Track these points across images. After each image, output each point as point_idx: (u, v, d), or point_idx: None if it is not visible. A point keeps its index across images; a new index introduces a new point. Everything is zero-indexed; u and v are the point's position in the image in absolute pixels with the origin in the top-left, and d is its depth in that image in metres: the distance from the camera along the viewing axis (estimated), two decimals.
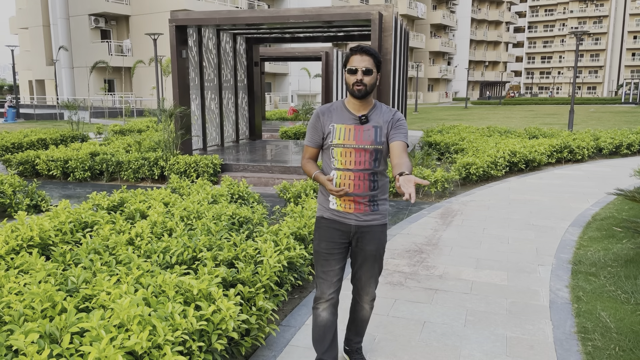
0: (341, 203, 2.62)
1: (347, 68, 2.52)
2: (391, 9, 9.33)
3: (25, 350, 2.12)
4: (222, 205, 5.05)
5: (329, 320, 2.72)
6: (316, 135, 2.65)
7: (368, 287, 2.77)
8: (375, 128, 2.57)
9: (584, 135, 12.77)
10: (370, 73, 2.51)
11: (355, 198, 2.59)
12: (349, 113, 2.60)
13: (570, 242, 5.47)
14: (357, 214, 2.62)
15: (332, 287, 2.68)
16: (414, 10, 56.25)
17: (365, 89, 2.52)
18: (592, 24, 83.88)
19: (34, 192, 6.92)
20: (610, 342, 3.26)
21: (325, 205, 2.69)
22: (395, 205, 7.25)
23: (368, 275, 2.74)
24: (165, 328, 2.39)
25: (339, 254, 2.67)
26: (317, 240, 2.71)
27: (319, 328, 2.73)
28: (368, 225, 2.64)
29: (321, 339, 2.73)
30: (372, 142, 2.55)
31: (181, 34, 10.04)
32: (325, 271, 2.68)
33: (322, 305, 2.71)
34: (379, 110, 2.62)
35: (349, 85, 2.54)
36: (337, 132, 2.58)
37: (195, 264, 3.63)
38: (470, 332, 3.41)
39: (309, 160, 2.69)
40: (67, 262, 3.50)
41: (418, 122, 26.16)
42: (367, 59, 2.50)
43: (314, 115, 2.66)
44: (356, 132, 2.56)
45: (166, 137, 9.58)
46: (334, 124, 2.60)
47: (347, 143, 2.56)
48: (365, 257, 2.69)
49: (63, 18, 36.22)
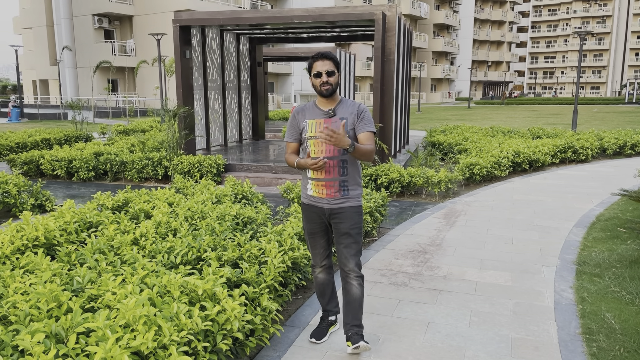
0: (315, 189, 3.05)
1: (313, 73, 2.95)
2: (395, 9, 9.33)
3: (32, 351, 2.12)
4: (226, 206, 5.05)
5: (326, 279, 3.28)
6: (294, 131, 3.09)
7: (346, 260, 3.08)
8: (342, 120, 2.97)
9: (587, 136, 12.73)
10: (333, 74, 2.96)
11: (327, 183, 3.01)
12: (319, 109, 3.04)
13: (574, 242, 5.46)
14: (329, 198, 3.04)
15: (321, 256, 3.24)
16: (416, 10, 56.19)
17: (331, 88, 2.96)
18: (595, 24, 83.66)
19: (38, 191, 6.94)
20: (615, 343, 3.25)
21: (305, 192, 3.15)
22: (399, 206, 7.25)
23: (344, 250, 3.08)
24: (171, 328, 2.39)
25: (320, 231, 3.17)
26: (303, 222, 3.22)
27: (319, 285, 3.30)
28: (340, 207, 3.04)
29: (322, 293, 3.31)
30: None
31: (185, 34, 10.06)
32: (313, 245, 3.22)
33: (318, 269, 3.27)
34: (345, 104, 3.04)
35: (317, 87, 2.97)
36: (310, 126, 3.01)
37: (200, 264, 3.63)
38: (474, 333, 3.41)
39: (290, 154, 3.11)
40: (72, 262, 3.51)
41: (421, 122, 26.13)
42: (328, 62, 2.95)
43: (291, 115, 3.09)
44: (325, 125, 2.85)
45: (170, 137, 9.60)
46: (306, 120, 3.04)
47: (319, 135, 2.83)
48: (340, 234, 3.07)
49: (67, 18, 36.30)
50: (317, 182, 3.03)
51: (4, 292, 2.86)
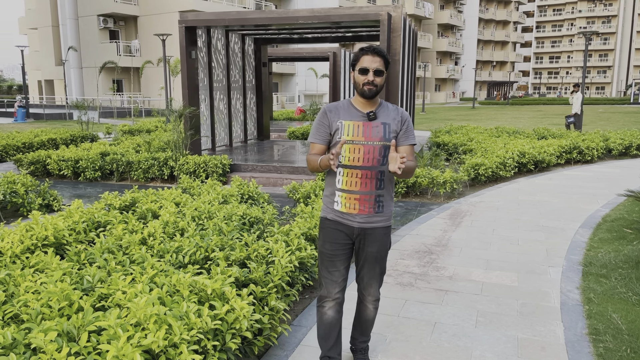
0: (346, 203, 2.62)
1: (359, 68, 2.53)
2: (400, 10, 9.34)
3: (45, 349, 2.15)
4: (233, 206, 5.08)
5: (335, 319, 2.75)
6: (324, 131, 2.63)
7: (370, 287, 2.79)
8: (384, 125, 2.59)
9: (593, 136, 12.70)
10: (382, 74, 2.54)
11: (362, 196, 2.60)
12: (357, 110, 2.62)
13: (580, 243, 5.46)
14: (361, 215, 2.62)
15: (337, 286, 2.71)
16: (421, 10, 56.14)
17: (375, 89, 2.55)
18: (600, 24, 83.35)
19: (45, 191, 6.98)
20: (621, 343, 3.26)
21: (330, 205, 2.69)
22: (404, 206, 7.26)
23: (369, 276, 2.76)
24: (181, 327, 2.42)
25: (343, 254, 2.69)
26: (321, 241, 2.72)
27: (325, 326, 2.77)
28: (371, 227, 2.65)
29: (327, 336, 2.78)
30: (381, 138, 2.57)
31: (190, 34, 10.10)
32: (331, 271, 2.70)
33: (328, 304, 2.74)
34: (386, 108, 2.65)
35: (359, 84, 2.55)
36: (346, 128, 2.58)
37: (208, 263, 3.66)
38: (481, 333, 3.42)
39: (314, 155, 2.62)
40: (81, 261, 3.54)
41: (425, 122, 26.11)
42: (378, 59, 2.52)
43: (321, 112, 2.65)
44: (365, 129, 2.58)
45: (175, 137, 9.64)
46: (342, 120, 2.60)
47: (356, 139, 2.57)
48: (367, 258, 2.71)
49: (72, 18, 36.47)
50: (350, 194, 2.60)
51: (15, 291, 2.89)
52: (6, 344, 2.25)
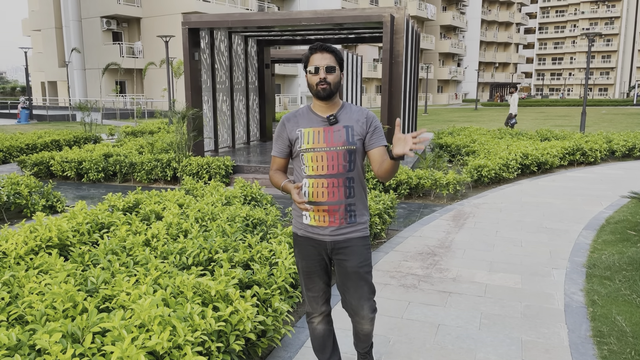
0: (315, 215, 2.44)
1: (308, 69, 2.38)
2: (403, 11, 9.34)
3: (50, 350, 2.16)
4: (236, 207, 5.08)
5: (326, 330, 2.69)
6: (282, 144, 2.50)
7: (360, 309, 2.50)
8: (346, 128, 2.42)
9: (596, 138, 12.67)
10: (334, 71, 2.37)
11: (330, 207, 2.41)
12: (316, 116, 2.45)
13: (584, 245, 5.44)
14: (332, 227, 2.44)
15: (320, 300, 2.60)
16: (423, 12, 56.14)
17: (329, 88, 2.37)
18: (603, 25, 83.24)
19: (49, 192, 7.00)
20: (626, 346, 3.25)
21: (299, 220, 2.52)
22: (407, 208, 7.26)
23: (356, 297, 2.48)
24: (185, 329, 2.42)
25: (320, 270, 2.54)
26: (296, 257, 2.58)
27: (318, 339, 2.71)
28: (345, 239, 2.45)
29: (322, 348, 2.73)
30: (344, 143, 2.40)
31: (194, 36, 10.12)
32: (310, 288, 2.58)
33: (316, 319, 2.67)
34: (348, 110, 2.47)
35: (312, 86, 2.39)
36: (306, 136, 2.42)
37: (211, 265, 3.66)
38: (485, 335, 3.42)
39: (276, 171, 2.54)
40: (85, 262, 3.55)
41: (428, 123, 26.10)
42: (328, 56, 2.37)
43: (280, 123, 2.51)
44: (326, 134, 2.40)
45: (178, 138, 9.66)
46: (301, 128, 2.44)
47: (317, 147, 2.40)
48: (348, 276, 2.47)
49: (75, 20, 36.58)
50: (317, 206, 2.42)
51: (20, 292, 2.90)
52: (11, 345, 2.25)
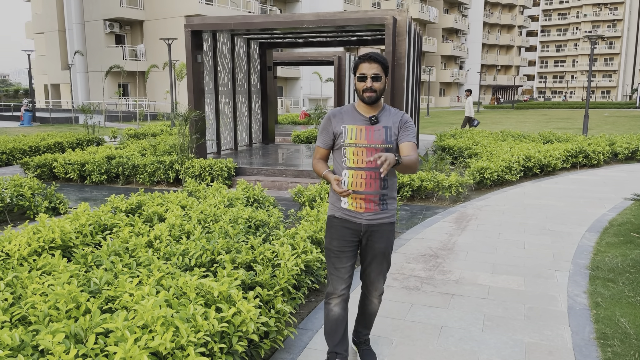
0: (352, 202, 2.73)
1: (357, 75, 2.66)
2: (405, 14, 9.35)
3: (53, 350, 2.16)
4: (239, 209, 5.09)
5: (341, 315, 2.85)
6: (327, 136, 2.78)
7: (377, 282, 2.89)
8: (386, 128, 2.70)
9: (599, 140, 12.65)
10: (379, 79, 2.64)
11: (367, 196, 2.71)
12: (360, 115, 2.73)
13: (587, 247, 5.43)
14: (368, 213, 2.73)
15: (343, 283, 2.80)
16: (425, 15, 56.18)
17: (375, 95, 2.65)
18: (606, 28, 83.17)
19: (52, 194, 7.02)
20: (630, 348, 3.23)
21: (337, 204, 2.80)
22: (410, 210, 7.25)
23: (377, 271, 2.87)
24: (188, 329, 2.42)
25: (350, 251, 2.79)
26: (328, 238, 2.83)
27: (331, 322, 2.86)
28: (378, 223, 2.76)
29: (333, 332, 2.87)
30: (382, 142, 2.68)
31: (196, 39, 10.14)
32: (338, 268, 2.80)
33: (334, 300, 2.84)
34: (388, 112, 2.76)
35: (359, 91, 2.67)
36: (349, 132, 2.71)
37: (214, 266, 3.66)
38: (488, 337, 3.41)
39: (319, 160, 2.83)
40: (88, 263, 3.55)
41: (430, 126, 26.09)
42: (375, 65, 2.63)
43: (326, 117, 2.78)
44: (367, 132, 2.69)
45: (181, 141, 9.67)
46: (345, 125, 2.72)
47: (359, 142, 2.68)
48: (375, 255, 2.82)
49: (78, 23, 36.72)
50: (355, 194, 2.72)
51: (23, 293, 2.91)
52: (14, 346, 2.26)
